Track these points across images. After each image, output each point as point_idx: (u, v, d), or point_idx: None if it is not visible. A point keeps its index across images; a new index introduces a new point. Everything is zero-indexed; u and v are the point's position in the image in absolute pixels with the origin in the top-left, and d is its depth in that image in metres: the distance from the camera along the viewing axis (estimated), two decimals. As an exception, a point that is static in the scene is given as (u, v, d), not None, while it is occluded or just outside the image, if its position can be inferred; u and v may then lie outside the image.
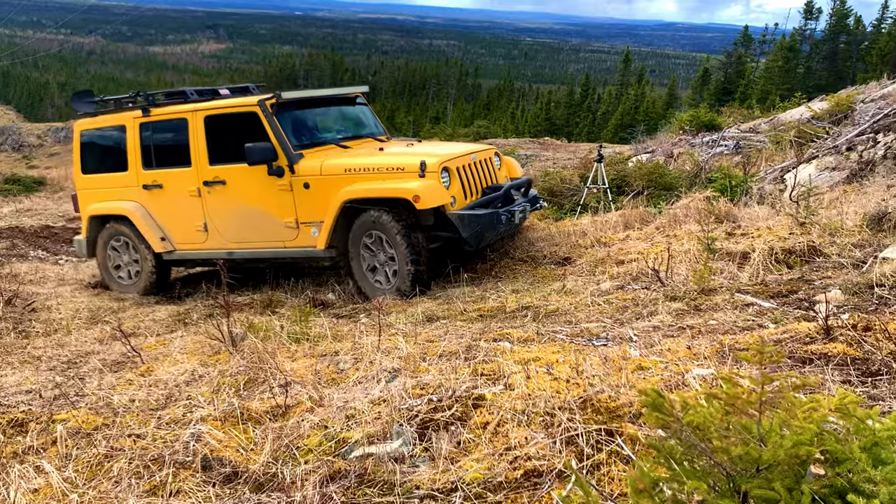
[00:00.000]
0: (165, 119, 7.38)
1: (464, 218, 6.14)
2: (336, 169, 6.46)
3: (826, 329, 3.27)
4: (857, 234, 5.51)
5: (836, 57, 50.04)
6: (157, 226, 7.64)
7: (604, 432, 2.62)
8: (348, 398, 3.42)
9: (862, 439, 1.76)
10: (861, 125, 8.75)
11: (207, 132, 7.10)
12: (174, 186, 7.41)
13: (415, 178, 6.05)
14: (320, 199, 6.50)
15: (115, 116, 7.78)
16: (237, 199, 7.03)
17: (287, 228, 6.81)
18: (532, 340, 4.16)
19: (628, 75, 66.67)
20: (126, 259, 8.02)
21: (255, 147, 6.48)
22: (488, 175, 6.97)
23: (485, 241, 6.43)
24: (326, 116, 7.75)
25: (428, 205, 5.96)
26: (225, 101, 7.18)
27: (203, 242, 7.44)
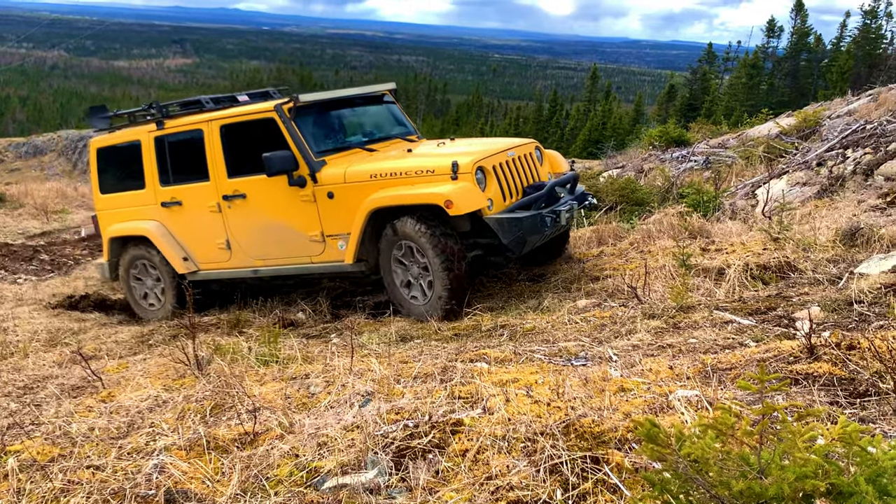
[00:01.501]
0: (180, 131, 6.96)
1: (503, 222, 5.59)
2: (361, 175, 5.98)
3: (810, 348, 3.21)
4: (831, 250, 5.52)
5: (797, 74, 51.17)
6: (178, 245, 7.20)
7: (589, 459, 2.51)
8: (320, 424, 3.27)
9: (865, 469, 1.68)
10: (830, 141, 8.85)
11: (224, 143, 6.66)
12: (193, 203, 6.98)
13: (447, 181, 5.53)
14: (346, 209, 6.02)
15: (130, 131, 7.39)
16: (259, 213, 6.60)
17: (313, 242, 6.35)
18: (509, 360, 4.05)
19: (595, 92, 67.45)
20: (150, 283, 7.61)
21: (273, 156, 6.03)
22: (529, 172, 6.37)
23: (528, 247, 5.87)
24: (350, 118, 7.23)
25: (462, 210, 5.43)
26: (240, 109, 6.75)
27: (227, 261, 7.01)
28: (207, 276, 7.19)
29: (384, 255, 5.94)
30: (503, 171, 5.95)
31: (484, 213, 5.59)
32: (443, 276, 5.60)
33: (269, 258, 6.71)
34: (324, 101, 6.76)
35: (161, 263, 7.30)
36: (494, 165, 5.85)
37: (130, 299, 7.75)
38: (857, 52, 45.65)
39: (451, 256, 5.63)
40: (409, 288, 5.96)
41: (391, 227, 5.80)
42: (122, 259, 7.65)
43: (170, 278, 7.29)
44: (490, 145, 6.32)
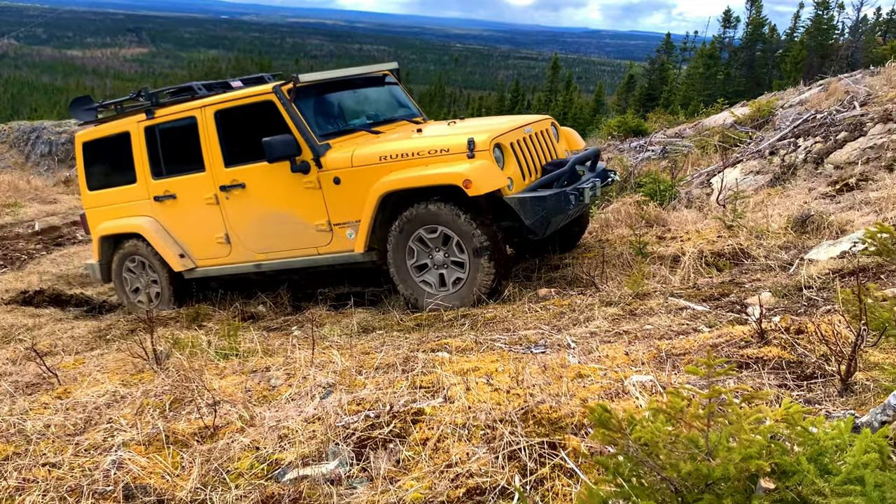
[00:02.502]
0: (172, 119, 6.60)
1: (525, 202, 5.25)
2: (369, 158, 5.65)
3: (760, 333, 3.30)
4: (783, 237, 5.66)
5: (753, 64, 52.01)
6: (173, 241, 6.88)
7: (546, 445, 2.56)
8: (281, 417, 3.28)
9: (808, 449, 1.74)
10: (782, 130, 9.05)
11: (220, 130, 6.32)
12: (188, 195, 6.65)
13: (463, 160, 5.21)
14: (354, 194, 5.71)
15: (118, 123, 7.00)
16: (260, 203, 6.26)
17: (319, 232, 6.02)
18: (470, 350, 4.09)
19: (556, 82, 67.78)
20: (144, 281, 7.28)
21: (274, 141, 5.70)
22: (547, 149, 6.07)
23: (552, 228, 5.54)
24: (352, 100, 6.84)
25: (481, 190, 5.09)
26: (236, 93, 6.37)
27: (226, 256, 6.66)
28: (206, 272, 6.89)
29: (398, 243, 5.60)
30: (521, 148, 5.67)
31: (503, 192, 5.29)
32: (484, 260, 5.30)
33: (272, 251, 6.37)
34: (325, 81, 6.41)
35: (156, 261, 7.01)
36: (512, 142, 5.56)
37: (124, 300, 7.45)
38: (811, 42, 46.58)
39: (494, 238, 5.35)
40: (421, 271, 5.65)
41: (414, 210, 5.47)
42: (113, 258, 7.34)
43: (165, 276, 7.01)
44: (505, 122, 6.05)
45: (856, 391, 2.59)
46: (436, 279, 5.58)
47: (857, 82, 10.70)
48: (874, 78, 11.08)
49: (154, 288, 7.20)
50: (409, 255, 5.59)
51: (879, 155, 7.11)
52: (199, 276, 6.92)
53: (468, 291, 5.39)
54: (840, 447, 1.77)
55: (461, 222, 5.28)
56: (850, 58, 37.15)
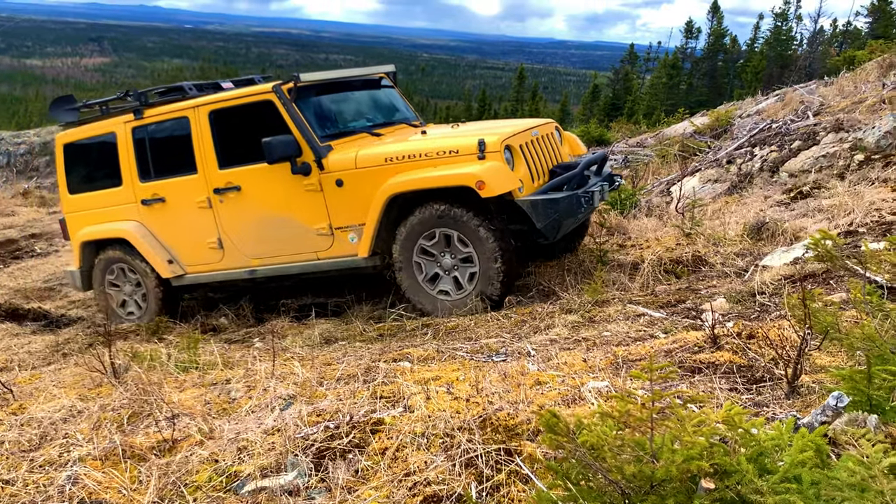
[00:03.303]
0: (162, 120, 6.37)
1: (537, 205, 5.14)
2: (374, 159, 5.50)
3: (713, 338, 3.38)
4: (739, 244, 5.79)
5: (715, 74, 53.01)
6: (161, 247, 6.59)
7: (503, 452, 2.59)
8: (240, 429, 3.26)
9: (748, 450, 1.80)
10: (739, 139, 9.25)
11: (214, 131, 6.10)
12: (179, 198, 6.39)
13: (473, 161, 5.11)
14: (358, 197, 5.57)
15: (103, 123, 6.73)
16: (256, 206, 6.04)
17: (319, 236, 5.83)
18: (432, 359, 4.11)
19: (523, 91, 68.30)
20: (129, 290, 6.98)
21: (274, 141, 5.52)
22: (553, 153, 6.00)
23: (563, 231, 5.43)
24: (351, 102, 6.67)
25: (494, 191, 4.99)
26: (233, 92, 6.18)
27: (218, 262, 6.39)
28: (196, 279, 6.61)
29: (405, 247, 5.47)
30: (529, 150, 5.58)
31: (514, 195, 5.18)
32: (497, 260, 5.20)
33: (269, 256, 6.16)
34: (326, 81, 6.27)
35: (142, 268, 6.73)
36: (521, 144, 5.48)
37: (106, 309, 7.09)
38: (770, 52, 47.66)
39: (506, 240, 5.25)
40: (434, 282, 5.52)
41: (421, 212, 5.36)
42: (95, 266, 7.03)
43: (152, 284, 6.72)
44: (513, 124, 5.96)
45: (802, 393, 2.67)
46: (451, 284, 5.46)
47: (812, 93, 10.99)
48: (827, 88, 11.38)
49: (139, 296, 6.95)
50: (419, 270, 5.51)
51: (832, 163, 7.31)
52: (187, 284, 6.68)
53: (484, 286, 5.29)
54: (779, 447, 1.83)
55: (472, 226, 5.19)
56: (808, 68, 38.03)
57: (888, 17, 43.85)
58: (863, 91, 9.57)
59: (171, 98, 6.53)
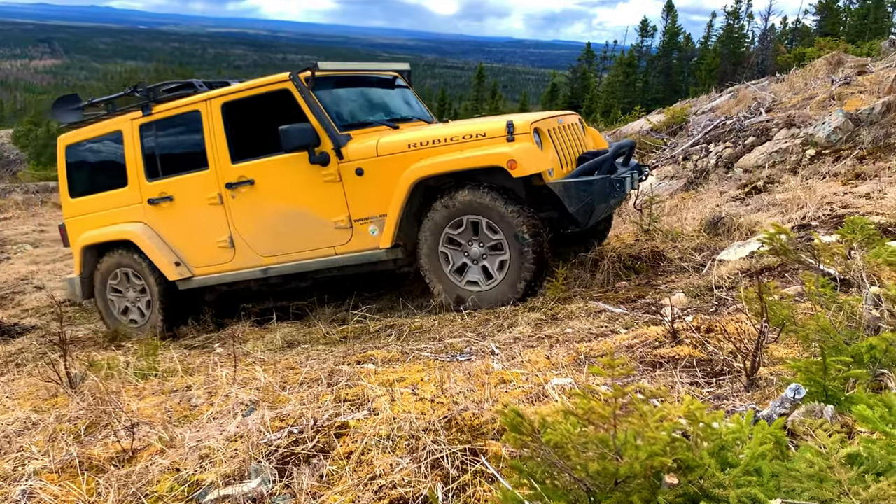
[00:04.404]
0: (172, 115, 6.15)
1: (570, 188, 4.97)
2: (397, 146, 5.32)
3: (673, 333, 3.42)
4: (696, 239, 5.88)
5: (670, 72, 53.82)
6: (168, 248, 6.31)
7: (468, 452, 2.59)
8: (202, 436, 3.21)
9: (709, 444, 1.82)
10: (695, 136, 9.41)
11: (227, 123, 5.89)
12: (188, 196, 6.13)
13: (502, 143, 4.96)
14: (379, 186, 5.34)
15: (109, 122, 6.48)
16: (271, 200, 5.79)
17: (338, 229, 5.58)
18: (397, 360, 4.10)
19: (482, 91, 68.49)
20: (132, 295, 6.66)
21: (291, 129, 5.30)
22: (579, 142, 5.86)
23: (594, 218, 5.26)
24: (366, 97, 6.46)
25: (527, 171, 4.84)
26: (247, 83, 5.96)
27: (229, 262, 6.10)
28: (204, 281, 6.29)
29: (430, 237, 5.26)
30: (557, 136, 5.42)
31: (545, 178, 5.00)
32: (528, 252, 5.01)
33: (283, 253, 5.87)
34: (343, 72, 6.12)
35: (147, 271, 6.40)
36: (549, 129, 5.32)
37: (107, 316, 6.80)
38: (724, 50, 48.57)
39: (538, 229, 5.04)
40: (462, 273, 5.31)
41: (447, 199, 5.16)
42: (97, 271, 6.70)
43: (158, 288, 6.40)
44: (534, 113, 5.76)
45: (760, 386, 2.72)
46: (480, 274, 5.27)
47: (764, 89, 11.22)
48: (779, 85, 11.63)
49: (143, 302, 6.62)
50: (445, 262, 5.31)
51: (784, 158, 7.48)
52: (195, 287, 6.36)
53: (516, 277, 5.10)
54: (740, 440, 1.86)
55: (502, 211, 5.01)
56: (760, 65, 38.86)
57: (835, 15, 45.04)
58: (813, 87, 9.81)
59: (180, 94, 6.33)
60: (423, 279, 5.45)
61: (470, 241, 5.24)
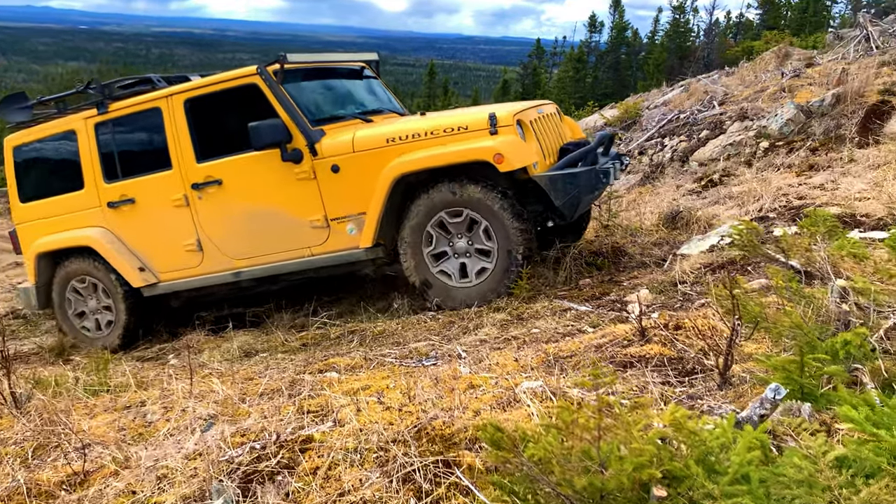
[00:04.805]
0: (130, 113, 5.83)
1: (556, 180, 4.86)
2: (375, 141, 5.12)
3: (641, 331, 3.38)
4: (656, 233, 5.89)
5: (618, 67, 54.48)
6: (131, 254, 5.97)
7: (441, 464, 2.50)
8: (159, 455, 3.06)
9: (694, 450, 1.76)
10: (649, 130, 9.47)
11: (191, 121, 5.61)
12: (151, 198, 5.83)
13: (485, 137, 4.83)
14: (357, 183, 5.16)
15: (61, 121, 6.13)
16: (241, 200, 5.54)
17: (314, 229, 5.37)
18: (360, 367, 3.99)
19: (434, 87, 68.43)
20: (93, 304, 6.29)
21: (262, 126, 5.09)
22: (559, 133, 5.74)
23: (579, 210, 5.15)
24: (336, 90, 6.22)
25: (514, 165, 4.72)
26: (212, 78, 5.65)
27: (197, 266, 5.82)
28: (171, 287, 5.99)
29: (423, 212, 5.08)
30: (539, 127, 5.30)
31: (530, 171, 4.88)
32: (514, 271, 4.90)
33: (256, 256, 5.63)
34: (313, 63, 5.90)
35: (109, 279, 6.08)
36: (531, 120, 5.19)
37: (67, 328, 6.45)
38: (670, 44, 49.38)
39: (525, 221, 4.94)
40: (438, 260, 5.16)
41: (432, 194, 5.00)
42: (55, 279, 6.34)
43: (121, 296, 6.07)
44: (512, 104, 5.60)
45: (734, 383, 2.69)
46: (456, 269, 5.13)
47: (715, 83, 11.37)
48: (729, 78, 11.80)
49: (106, 314, 6.27)
50: (427, 242, 5.12)
51: (739, 151, 7.56)
52: (161, 293, 6.06)
53: (494, 284, 4.99)
54: (725, 446, 1.80)
55: (491, 203, 4.89)
56: (706, 59, 39.57)
57: (777, 9, 46.14)
58: (763, 80, 9.97)
59: (138, 90, 6.00)
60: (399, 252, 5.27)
61: (460, 234, 5.09)
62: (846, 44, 10.43)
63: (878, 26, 10.51)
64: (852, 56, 9.53)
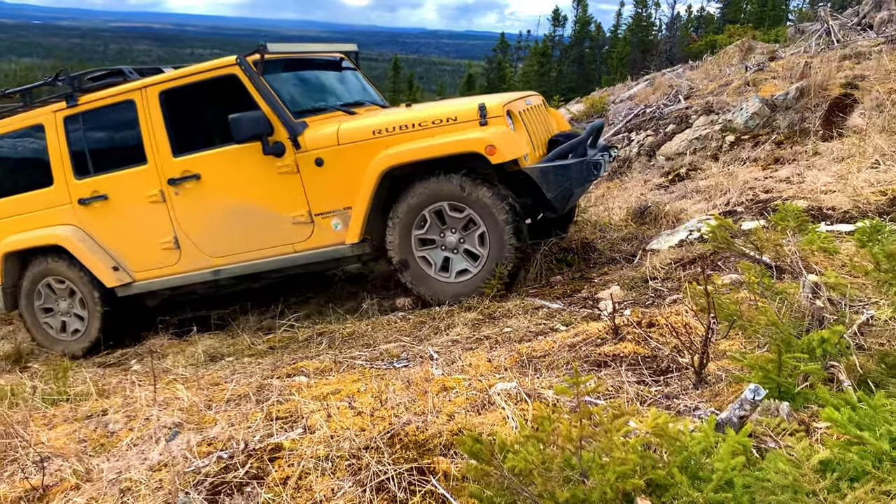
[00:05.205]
0: (102, 106, 5.61)
1: (548, 172, 4.76)
2: (360, 133, 4.98)
3: (614, 329, 3.35)
4: (625, 229, 5.89)
5: (582, 61, 54.85)
6: (104, 252, 5.75)
7: (415, 471, 2.43)
8: (122, 467, 2.95)
9: (676, 457, 1.72)
10: (616, 125, 9.49)
11: (167, 113, 5.41)
12: (125, 194, 5.61)
13: (476, 128, 4.73)
14: (342, 177, 5.01)
15: (27, 115, 5.89)
16: (220, 195, 5.35)
17: (296, 225, 5.21)
18: (330, 371, 3.91)
19: (399, 82, 68.13)
20: (64, 306, 6.04)
21: (242, 118, 4.93)
22: (546, 124, 5.62)
23: (570, 203, 5.07)
24: (317, 81, 6.06)
25: (506, 156, 4.62)
26: (189, 69, 5.46)
27: (174, 264, 5.62)
28: (146, 287, 5.76)
29: (407, 214, 4.95)
30: (527, 118, 5.17)
31: (520, 163, 4.77)
32: (509, 236, 4.77)
33: (236, 253, 5.45)
34: (293, 54, 5.75)
35: (80, 279, 5.85)
36: (520, 111, 5.07)
37: (36, 331, 6.17)
38: (633, 38, 49.85)
39: (517, 212, 4.80)
40: (424, 245, 5.03)
41: (418, 187, 4.87)
42: (22, 280, 6.07)
43: (94, 297, 5.84)
44: (501, 95, 5.50)
45: (709, 382, 2.66)
46: (439, 260, 5.02)
47: (680, 77, 11.44)
48: (694, 72, 11.88)
49: (77, 313, 6.03)
50: (419, 225, 4.99)
51: (705, 145, 7.60)
52: (136, 293, 5.82)
53: (469, 289, 4.91)
54: (707, 450, 1.77)
55: (496, 212, 4.77)
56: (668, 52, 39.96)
57: (737, 3, 46.78)
58: (728, 74, 10.05)
59: (109, 82, 5.78)
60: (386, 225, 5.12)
61: (454, 229, 4.97)
62: (808, 37, 10.57)
63: (838, 20, 10.67)
64: (814, 50, 9.65)
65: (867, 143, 6.09)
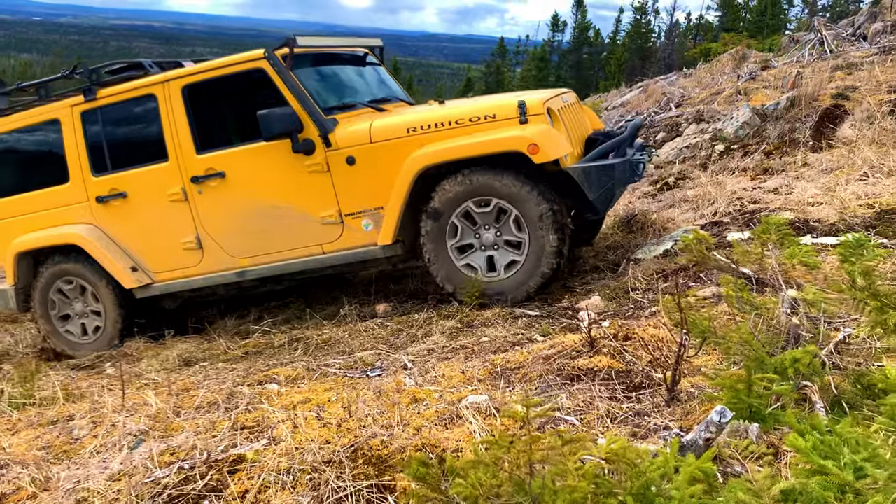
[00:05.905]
0: (122, 100, 5.39)
1: (590, 172, 4.53)
2: (394, 130, 4.78)
3: (590, 341, 3.29)
4: (611, 237, 5.82)
5: (580, 66, 54.90)
6: (122, 252, 5.55)
7: (375, 488, 2.36)
8: (81, 476, 2.88)
9: (633, 482, 1.65)
10: (607, 131, 9.43)
11: (190, 109, 5.21)
12: (145, 192, 5.41)
13: (516, 125, 4.53)
14: (374, 176, 4.82)
15: (43, 109, 5.67)
16: (246, 194, 5.16)
17: (325, 226, 5.01)
18: (302, 378, 3.84)
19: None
20: (80, 307, 5.83)
21: (272, 114, 4.74)
22: (582, 122, 5.45)
23: (612, 204, 4.88)
24: (345, 76, 5.83)
25: (550, 156, 4.40)
26: (214, 62, 5.25)
27: (196, 265, 5.42)
28: (167, 288, 5.57)
29: (437, 230, 4.75)
30: (565, 116, 4.97)
31: (562, 163, 4.53)
32: (551, 244, 4.55)
33: (262, 254, 5.26)
34: (321, 49, 5.52)
35: (98, 279, 5.63)
36: (558, 108, 4.86)
37: (50, 332, 5.92)
38: (632, 45, 49.90)
39: (561, 213, 4.58)
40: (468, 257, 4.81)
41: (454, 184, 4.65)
42: (36, 280, 5.86)
43: (111, 298, 5.64)
44: (538, 91, 5.30)
45: (682, 399, 2.60)
46: (483, 262, 4.78)
47: (672, 84, 11.39)
48: (687, 80, 11.84)
49: (95, 319, 5.80)
50: (451, 235, 4.78)
51: (695, 154, 7.54)
52: (156, 294, 5.63)
53: (525, 278, 4.65)
54: (666, 475, 1.70)
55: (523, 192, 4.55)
56: (666, 59, 40.02)
57: (735, 11, 46.87)
58: (720, 82, 10.00)
59: (128, 76, 5.55)
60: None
61: (485, 225, 4.76)
62: (801, 47, 10.52)
63: (833, 30, 10.63)
64: (807, 59, 9.61)
65: (856, 154, 6.04)
